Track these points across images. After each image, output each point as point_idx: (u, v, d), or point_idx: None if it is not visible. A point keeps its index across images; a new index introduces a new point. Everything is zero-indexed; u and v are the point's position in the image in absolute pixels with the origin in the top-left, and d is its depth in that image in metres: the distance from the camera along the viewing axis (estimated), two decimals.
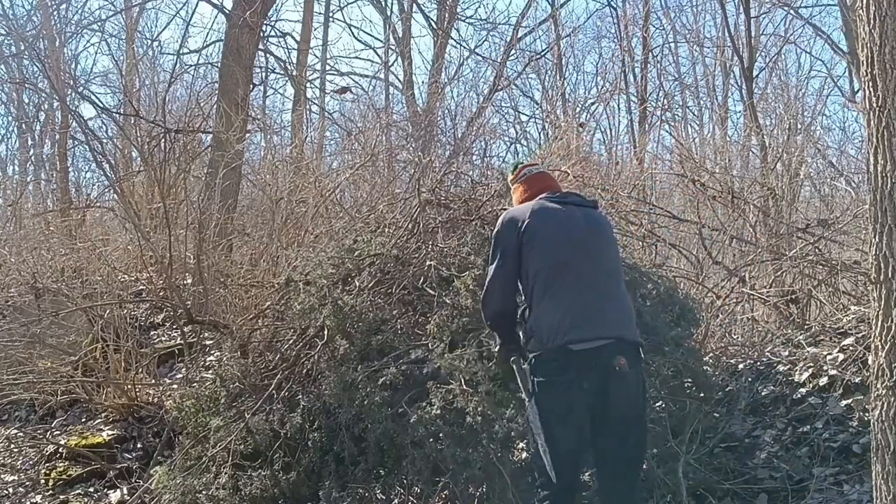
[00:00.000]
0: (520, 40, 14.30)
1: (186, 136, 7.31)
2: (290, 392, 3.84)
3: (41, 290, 6.35)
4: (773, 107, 10.90)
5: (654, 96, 14.14)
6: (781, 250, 5.37)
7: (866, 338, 3.89)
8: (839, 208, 6.52)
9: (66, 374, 5.67)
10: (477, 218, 4.01)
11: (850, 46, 9.59)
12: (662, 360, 3.57)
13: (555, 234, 2.97)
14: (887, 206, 2.39)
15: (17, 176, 14.05)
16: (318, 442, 3.55)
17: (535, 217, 2.99)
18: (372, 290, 3.86)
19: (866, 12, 2.44)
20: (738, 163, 8.50)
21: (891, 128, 2.38)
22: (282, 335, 4.26)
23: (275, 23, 11.55)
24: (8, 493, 4.98)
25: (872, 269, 2.46)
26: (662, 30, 14.90)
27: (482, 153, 10.34)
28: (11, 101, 14.59)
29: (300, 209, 6.85)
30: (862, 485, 3.36)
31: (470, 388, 3.26)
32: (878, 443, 2.43)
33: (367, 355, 3.64)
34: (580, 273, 2.91)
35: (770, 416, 4.00)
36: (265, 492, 3.57)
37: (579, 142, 7.27)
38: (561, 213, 3.03)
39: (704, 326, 4.44)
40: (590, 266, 2.94)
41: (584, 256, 2.95)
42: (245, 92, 8.50)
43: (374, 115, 10.37)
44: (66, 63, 12.22)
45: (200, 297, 5.82)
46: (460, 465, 3.24)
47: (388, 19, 15.19)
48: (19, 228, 9.09)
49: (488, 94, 13.13)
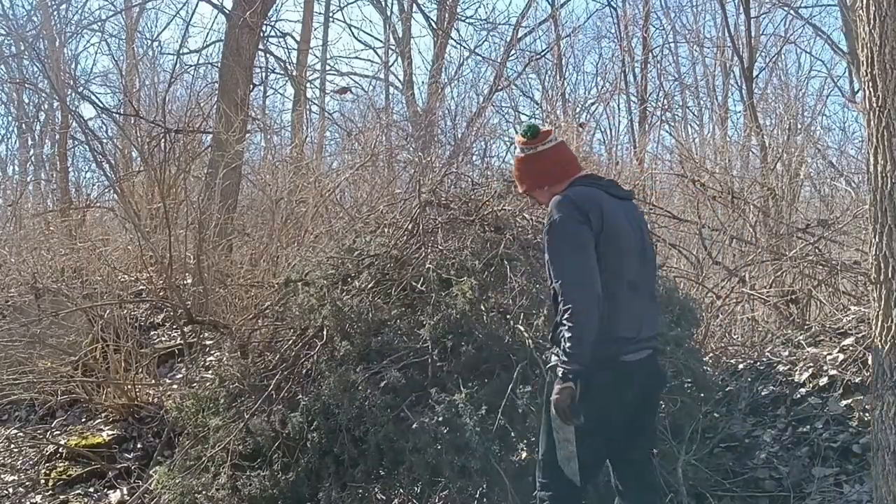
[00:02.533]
0: (520, 40, 14.31)
1: (186, 136, 7.31)
2: (289, 392, 3.84)
3: (41, 290, 6.35)
4: (773, 107, 10.89)
5: (654, 96, 14.16)
6: (781, 250, 5.37)
7: (866, 338, 3.89)
8: (839, 208, 6.51)
9: (66, 374, 5.67)
10: (477, 219, 4.01)
11: (850, 46, 9.59)
12: (662, 360, 3.56)
13: (629, 239, 2.68)
14: (887, 206, 2.39)
15: (17, 176, 14.07)
16: (318, 442, 3.54)
17: (611, 211, 2.62)
18: (371, 290, 3.86)
19: (866, 12, 2.45)
20: (738, 163, 8.49)
21: (891, 128, 2.38)
22: (281, 335, 4.26)
23: (275, 23, 11.56)
24: (8, 493, 4.98)
25: (872, 269, 2.46)
26: (662, 30, 14.92)
27: (482, 153, 10.34)
28: (11, 101, 14.61)
29: (300, 209, 6.85)
30: (862, 485, 3.36)
31: (472, 404, 3.26)
32: (878, 443, 2.43)
33: (366, 356, 3.64)
34: (637, 280, 2.68)
35: (770, 416, 4.00)
36: (264, 492, 3.57)
37: (579, 142, 7.26)
38: (621, 209, 2.73)
39: (704, 326, 4.44)
40: (644, 272, 2.76)
41: (642, 261, 2.74)
42: (245, 92, 8.50)
43: (374, 115, 10.38)
44: (66, 63, 12.22)
45: (200, 297, 5.81)
46: (457, 473, 3.24)
47: (388, 19, 15.20)
48: (19, 228, 9.09)
49: (488, 94, 13.12)
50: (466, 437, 3.20)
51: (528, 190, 2.86)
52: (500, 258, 3.70)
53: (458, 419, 3.24)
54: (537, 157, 2.78)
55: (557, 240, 2.60)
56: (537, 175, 2.79)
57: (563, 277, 2.56)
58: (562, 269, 2.57)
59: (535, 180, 2.80)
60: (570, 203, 2.61)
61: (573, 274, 2.56)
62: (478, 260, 3.68)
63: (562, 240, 2.59)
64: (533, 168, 2.79)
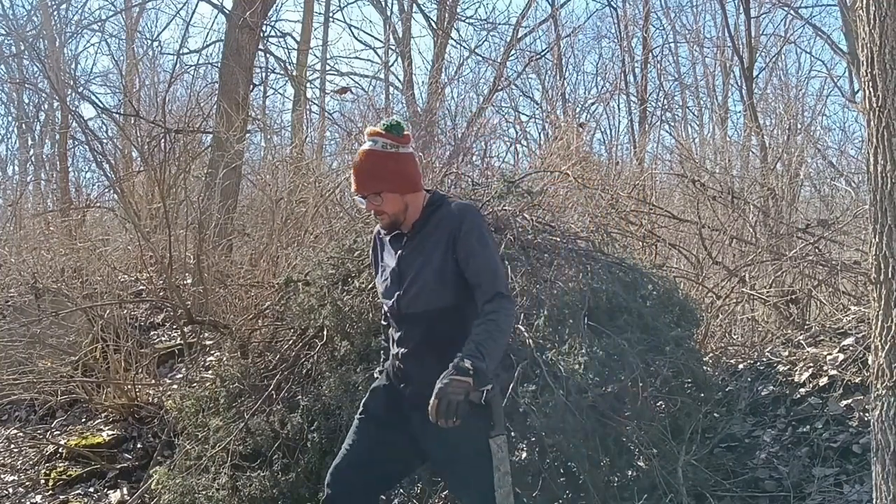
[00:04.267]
0: (520, 40, 14.32)
1: (186, 136, 7.30)
2: (289, 392, 3.84)
3: (41, 290, 6.35)
4: (773, 107, 10.91)
5: (654, 96, 14.18)
6: (781, 250, 5.37)
7: (866, 338, 3.89)
8: (839, 208, 6.53)
9: (66, 374, 5.67)
10: None
11: (850, 46, 9.59)
12: (662, 360, 3.56)
13: None
14: (887, 206, 2.39)
15: (17, 176, 14.07)
16: (318, 443, 3.55)
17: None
18: (371, 290, 3.86)
19: (866, 12, 2.44)
20: (738, 163, 8.50)
21: (891, 128, 2.38)
22: (281, 335, 4.26)
23: (275, 23, 11.58)
24: (8, 493, 4.98)
25: (872, 269, 2.46)
26: (662, 30, 14.95)
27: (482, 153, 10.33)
28: (11, 101, 14.63)
29: (300, 209, 6.84)
30: (862, 485, 3.35)
31: None
32: (878, 443, 2.43)
33: (367, 356, 3.64)
34: None
35: (770, 417, 4.00)
36: (264, 492, 3.57)
37: (579, 142, 7.26)
38: None
39: (704, 326, 4.44)
40: None
41: None
42: (245, 92, 8.50)
43: (374, 116, 10.36)
44: (66, 63, 12.23)
45: (200, 297, 5.81)
46: None
47: (388, 19, 15.20)
48: (19, 228, 9.08)
49: (488, 94, 13.11)
50: None
51: (381, 190, 2.54)
52: (500, 258, 3.70)
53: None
54: (403, 158, 2.56)
55: (487, 236, 2.55)
56: (403, 178, 2.55)
57: (499, 276, 2.48)
58: (496, 268, 2.49)
59: (398, 183, 2.54)
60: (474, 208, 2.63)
61: (504, 277, 2.54)
62: None
63: (490, 238, 2.56)
64: (398, 168, 2.54)
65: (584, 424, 3.21)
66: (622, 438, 3.37)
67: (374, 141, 2.55)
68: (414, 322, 2.54)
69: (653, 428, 3.38)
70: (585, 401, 3.24)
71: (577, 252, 3.85)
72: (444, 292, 2.50)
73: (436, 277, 2.50)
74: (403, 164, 2.54)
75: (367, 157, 2.55)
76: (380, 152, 2.53)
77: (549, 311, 3.45)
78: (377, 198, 2.54)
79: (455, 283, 2.49)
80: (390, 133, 2.54)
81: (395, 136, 2.53)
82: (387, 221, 2.60)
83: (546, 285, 3.61)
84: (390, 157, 2.53)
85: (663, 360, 3.57)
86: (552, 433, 3.18)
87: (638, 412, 3.36)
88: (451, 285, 2.49)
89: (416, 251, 2.56)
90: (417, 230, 2.59)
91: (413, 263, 2.55)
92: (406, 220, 2.59)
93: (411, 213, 2.58)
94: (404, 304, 2.55)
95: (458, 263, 2.48)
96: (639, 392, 3.32)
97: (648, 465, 3.37)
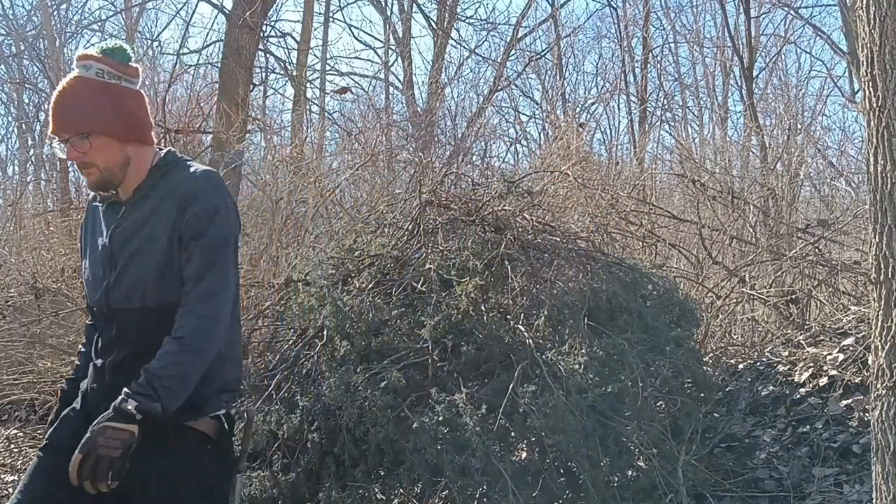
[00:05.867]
0: (520, 40, 14.33)
1: (186, 136, 7.31)
2: (289, 393, 3.84)
3: (41, 290, 6.35)
4: (773, 107, 10.92)
5: (654, 96, 14.19)
6: (781, 250, 5.37)
7: (866, 338, 3.89)
8: (839, 208, 6.53)
9: (66, 374, 5.67)
10: (477, 219, 4.01)
11: (850, 46, 9.59)
12: (662, 361, 3.57)
13: None
14: (887, 206, 2.39)
15: (17, 176, 14.07)
16: (318, 443, 3.54)
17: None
18: (372, 290, 3.86)
19: (866, 12, 2.44)
20: (738, 163, 8.50)
21: (891, 128, 2.38)
22: (281, 335, 4.26)
23: (275, 23, 11.57)
24: (8, 493, 4.97)
25: (872, 269, 2.46)
26: (662, 30, 14.96)
27: (482, 153, 10.36)
28: (11, 101, 14.63)
29: (300, 209, 6.85)
30: (862, 485, 3.35)
31: (472, 403, 3.25)
32: (878, 443, 2.43)
33: (366, 356, 3.64)
34: None
35: (770, 417, 4.00)
36: (264, 492, 3.57)
37: (579, 142, 7.26)
38: None
39: (704, 326, 4.44)
40: None
41: None
42: (245, 92, 8.50)
43: (374, 115, 10.38)
44: (66, 63, 12.21)
45: None
46: (457, 473, 3.23)
47: (388, 19, 15.20)
48: (19, 228, 9.08)
49: (488, 94, 13.14)
50: (467, 436, 3.20)
51: (89, 131, 1.85)
52: (500, 258, 3.70)
53: (458, 419, 3.24)
54: (126, 93, 1.90)
55: (226, 233, 1.87)
56: (126, 119, 1.88)
57: (221, 287, 1.83)
58: (226, 277, 1.85)
59: (116, 125, 1.87)
60: (228, 191, 1.91)
61: (227, 289, 1.86)
62: (478, 260, 3.68)
63: (229, 239, 1.88)
64: (118, 105, 1.87)
65: (584, 424, 3.21)
66: (622, 438, 3.37)
67: (85, 66, 1.88)
68: (127, 322, 1.87)
69: (653, 428, 3.38)
70: (585, 401, 3.25)
71: (577, 252, 3.86)
72: (170, 283, 1.84)
73: (160, 262, 1.84)
74: (126, 100, 1.89)
75: (73, 84, 1.87)
76: (93, 80, 1.86)
77: (549, 311, 3.45)
78: (83, 142, 1.84)
79: None
80: (109, 58, 1.88)
81: (116, 62, 1.88)
82: (96, 178, 1.88)
83: (546, 285, 3.61)
84: (108, 88, 1.86)
85: (663, 360, 3.57)
86: (552, 433, 3.18)
87: (638, 412, 3.36)
88: (180, 274, 1.85)
89: (137, 225, 1.87)
90: (141, 197, 1.90)
91: (130, 241, 1.87)
92: (125, 180, 1.90)
93: (133, 171, 1.90)
94: (116, 296, 1.87)
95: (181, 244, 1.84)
96: (639, 392, 3.33)
97: (648, 465, 3.37)
